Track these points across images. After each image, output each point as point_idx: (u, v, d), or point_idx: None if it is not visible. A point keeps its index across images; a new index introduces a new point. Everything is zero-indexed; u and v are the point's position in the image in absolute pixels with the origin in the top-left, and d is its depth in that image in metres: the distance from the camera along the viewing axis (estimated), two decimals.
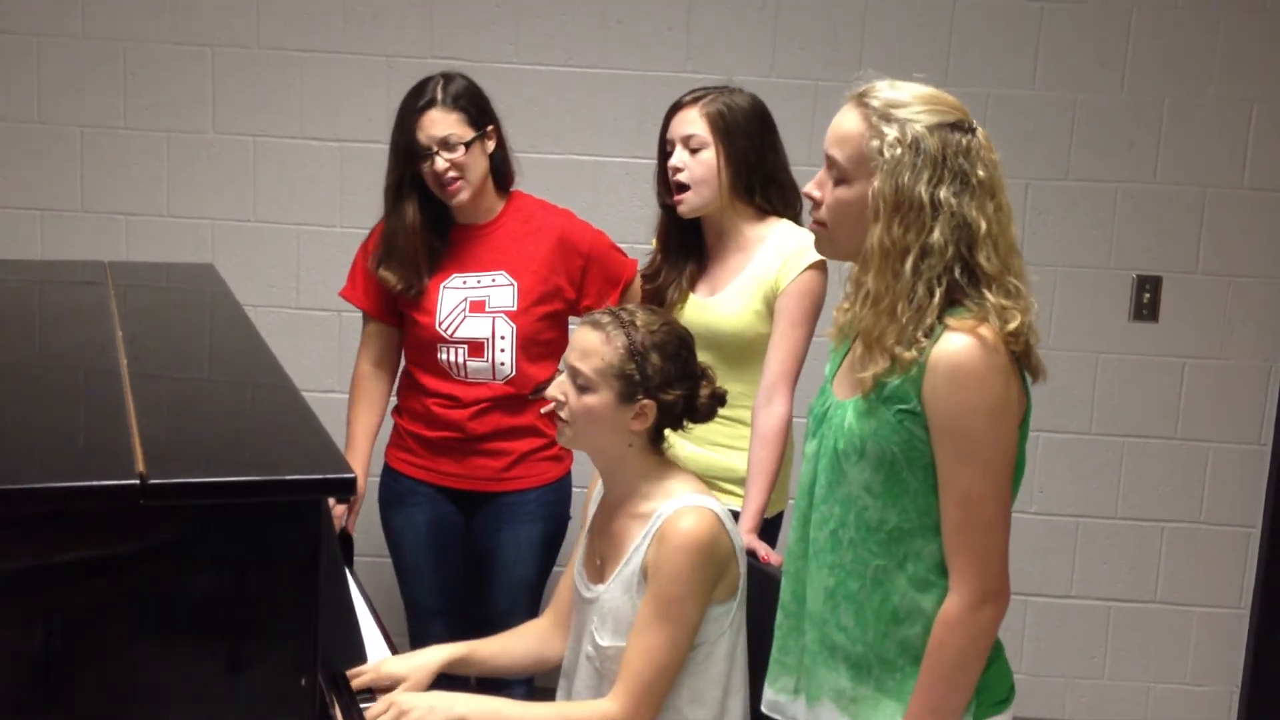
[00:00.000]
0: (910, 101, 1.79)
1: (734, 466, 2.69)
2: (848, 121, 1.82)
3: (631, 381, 2.13)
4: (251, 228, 3.62)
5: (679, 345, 2.18)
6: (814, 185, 1.88)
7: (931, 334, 1.77)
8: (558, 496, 2.94)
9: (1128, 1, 3.55)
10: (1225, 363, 3.70)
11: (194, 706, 1.43)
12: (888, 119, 1.78)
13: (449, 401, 2.85)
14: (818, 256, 2.61)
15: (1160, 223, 3.65)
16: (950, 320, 1.77)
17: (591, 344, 2.15)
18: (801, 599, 1.96)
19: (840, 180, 1.83)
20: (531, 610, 2.89)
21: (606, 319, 2.17)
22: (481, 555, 2.94)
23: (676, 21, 3.56)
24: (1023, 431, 1.83)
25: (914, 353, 1.76)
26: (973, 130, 1.80)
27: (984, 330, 1.76)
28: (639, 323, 2.16)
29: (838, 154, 1.83)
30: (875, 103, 1.80)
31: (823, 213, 1.87)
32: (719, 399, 2.24)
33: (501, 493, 2.89)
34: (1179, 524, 3.76)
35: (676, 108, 2.73)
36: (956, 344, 1.75)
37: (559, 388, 2.18)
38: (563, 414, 2.18)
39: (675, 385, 2.16)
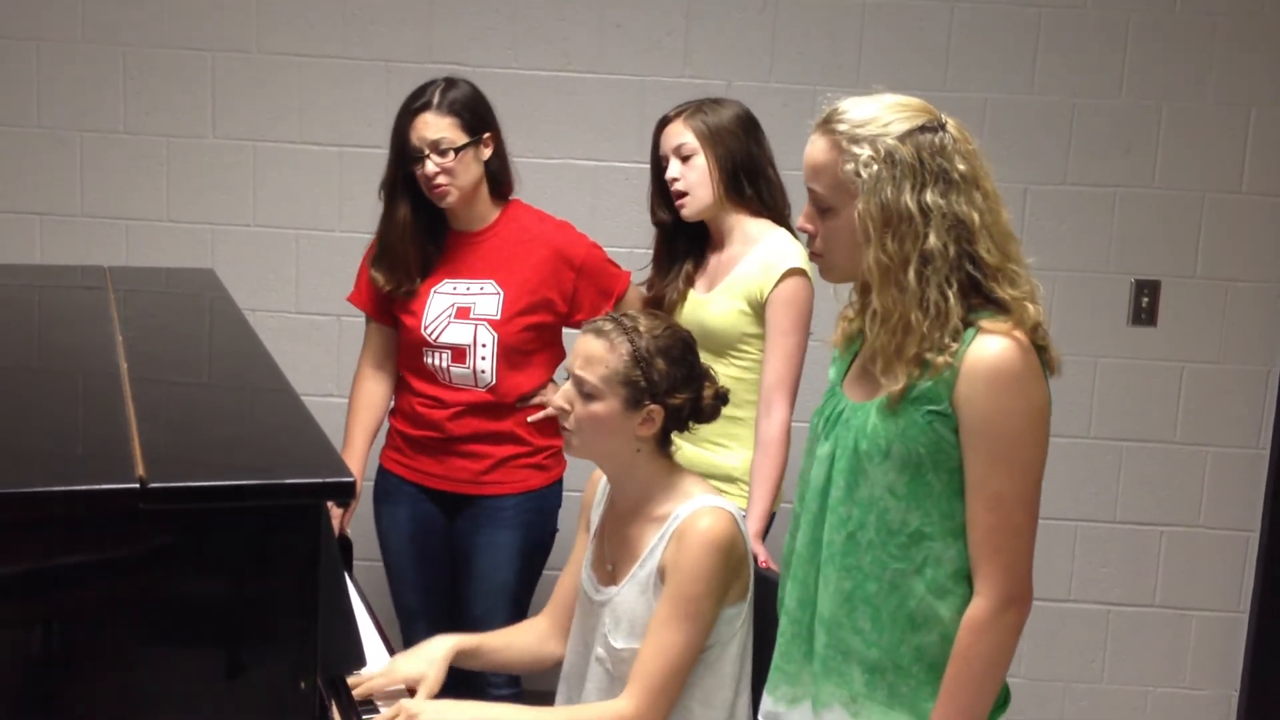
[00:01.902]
0: (874, 115, 1.79)
1: (718, 463, 2.74)
2: (818, 151, 1.82)
3: (638, 388, 2.13)
4: (251, 232, 3.63)
5: (683, 349, 2.19)
6: (804, 219, 1.88)
7: (959, 336, 1.77)
8: (538, 505, 2.92)
9: (1126, 6, 3.56)
10: (1224, 367, 3.70)
11: (194, 710, 1.43)
12: (856, 140, 1.78)
13: (431, 402, 2.87)
14: (796, 263, 2.71)
15: (1159, 227, 3.65)
16: (984, 323, 1.77)
17: (596, 352, 2.15)
18: (809, 604, 1.94)
19: (826, 210, 1.83)
20: (510, 616, 2.87)
21: (609, 326, 2.17)
22: (461, 558, 2.94)
23: (675, 27, 3.57)
24: None
25: (946, 357, 1.76)
26: (943, 127, 1.79)
27: (1019, 334, 1.77)
28: (642, 329, 2.16)
29: (817, 186, 1.83)
30: (841, 126, 1.80)
31: (818, 244, 1.87)
32: (722, 398, 2.24)
33: (481, 496, 2.89)
34: (1178, 528, 3.76)
35: (664, 123, 2.85)
36: (995, 347, 1.76)
37: (564, 397, 2.18)
38: (568, 423, 2.18)
39: (681, 389, 2.16)
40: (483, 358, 2.82)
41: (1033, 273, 1.86)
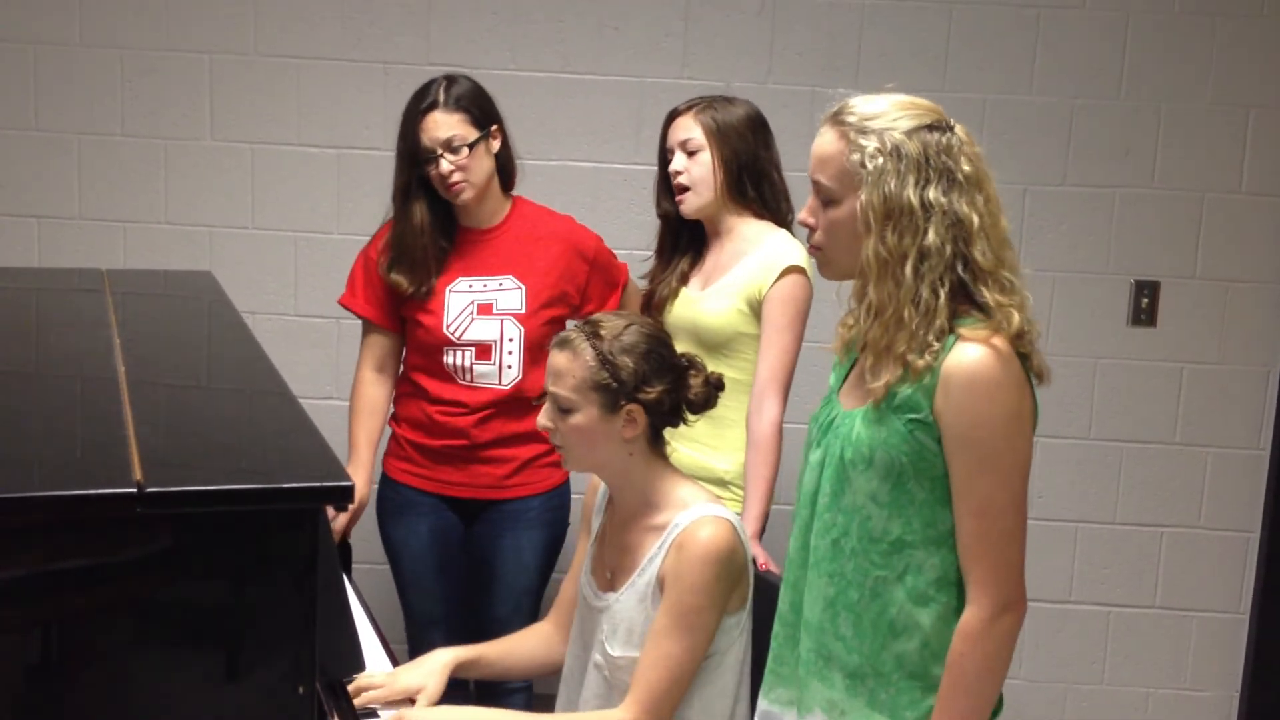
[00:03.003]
0: (884, 111, 1.80)
1: (711, 467, 2.72)
2: (826, 143, 1.83)
3: (609, 390, 2.12)
4: (249, 235, 3.62)
5: (650, 342, 2.16)
6: (806, 213, 1.88)
7: (943, 338, 1.77)
8: (559, 503, 2.94)
9: (1125, 7, 3.55)
10: (1224, 367, 3.69)
11: (191, 715, 1.42)
12: (864, 131, 1.78)
13: (453, 408, 2.84)
14: (796, 261, 2.69)
15: (1158, 228, 3.65)
16: (963, 330, 1.77)
17: (562, 365, 2.14)
18: (799, 608, 1.94)
19: (830, 202, 1.84)
20: (532, 617, 2.89)
21: (572, 335, 2.16)
22: (483, 562, 2.93)
23: (673, 28, 3.56)
24: None
25: (927, 359, 1.76)
26: (950, 128, 1.80)
27: (998, 341, 1.76)
28: (603, 331, 2.14)
29: (822, 177, 1.84)
30: (850, 118, 1.81)
31: (819, 237, 1.87)
32: (715, 385, 2.23)
33: (503, 500, 2.88)
34: (1178, 529, 3.76)
35: (673, 116, 2.83)
36: (972, 354, 1.75)
37: (546, 416, 2.17)
38: (556, 440, 2.18)
39: (654, 382, 2.14)
40: (509, 352, 2.82)
41: (1032, 274, 1.87)
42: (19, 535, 1.34)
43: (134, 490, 1.33)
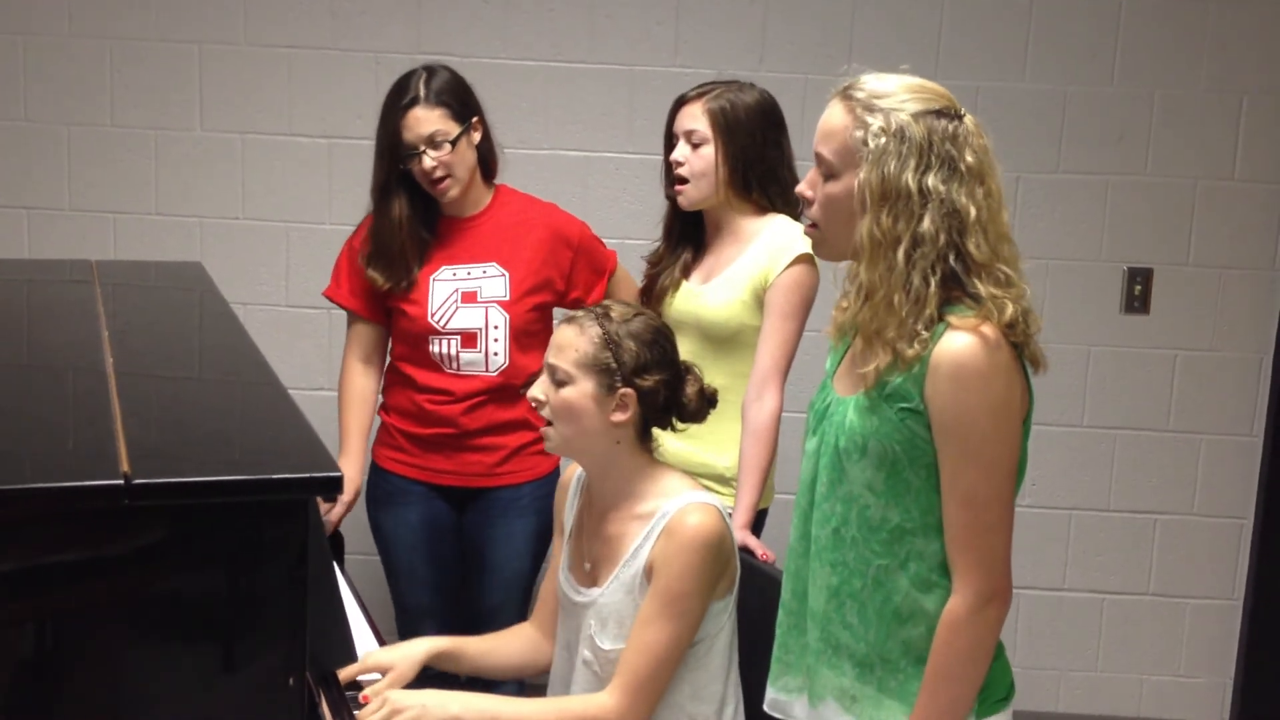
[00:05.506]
0: (894, 91, 1.79)
1: (711, 463, 2.69)
2: (833, 116, 1.82)
3: (609, 371, 2.12)
4: (240, 225, 3.61)
5: (655, 333, 2.17)
6: (805, 185, 1.87)
7: (932, 327, 1.76)
8: (550, 490, 2.92)
9: None
10: (1216, 354, 3.69)
11: (181, 707, 1.42)
12: (871, 109, 1.77)
13: (441, 396, 2.84)
14: (806, 249, 2.64)
15: (1151, 215, 3.64)
16: (953, 318, 1.76)
17: (567, 339, 2.15)
18: (803, 597, 1.94)
19: (829, 176, 1.83)
20: (524, 604, 2.88)
21: (582, 314, 2.17)
22: (474, 550, 2.93)
23: (665, 15, 3.55)
24: (1025, 430, 1.81)
25: (916, 348, 1.75)
26: (960, 117, 1.79)
27: (987, 329, 1.75)
28: (613, 314, 2.16)
29: (825, 150, 1.82)
30: (860, 95, 1.80)
31: (815, 211, 1.86)
32: (709, 399, 2.22)
33: (494, 488, 2.88)
34: (1171, 516, 3.76)
35: (682, 101, 2.75)
36: (959, 343, 1.74)
37: (539, 387, 2.17)
38: (545, 413, 2.17)
39: (653, 371, 2.14)
40: (495, 339, 2.81)
41: (1026, 262, 1.85)
42: (6, 528, 1.34)
43: (121, 482, 1.33)
